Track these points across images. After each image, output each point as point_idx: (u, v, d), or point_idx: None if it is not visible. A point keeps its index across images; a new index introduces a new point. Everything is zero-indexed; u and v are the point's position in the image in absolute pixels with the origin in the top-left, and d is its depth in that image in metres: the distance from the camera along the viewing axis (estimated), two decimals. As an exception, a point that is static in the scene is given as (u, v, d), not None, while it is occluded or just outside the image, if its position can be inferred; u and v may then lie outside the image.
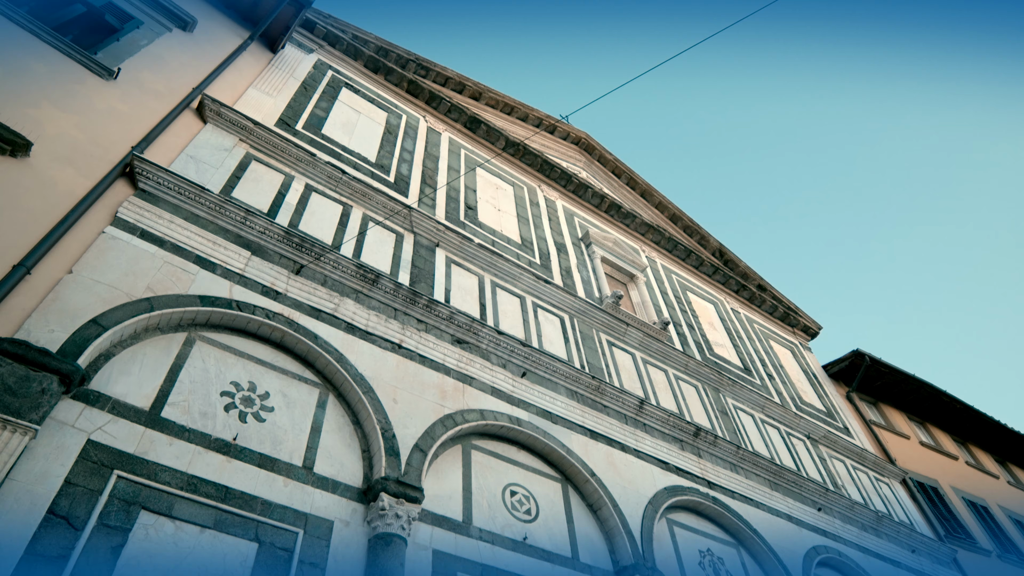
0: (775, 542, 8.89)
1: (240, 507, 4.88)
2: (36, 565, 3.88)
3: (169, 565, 4.36)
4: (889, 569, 10.67)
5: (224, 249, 6.50)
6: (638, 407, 8.94)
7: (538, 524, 6.63)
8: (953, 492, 15.55)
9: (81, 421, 4.63)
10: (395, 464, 5.79)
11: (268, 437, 5.50)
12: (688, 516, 8.45)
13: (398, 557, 5.16)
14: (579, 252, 12.35)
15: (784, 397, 13.33)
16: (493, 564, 5.88)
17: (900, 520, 12.16)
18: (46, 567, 3.90)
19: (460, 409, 6.89)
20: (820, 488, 10.68)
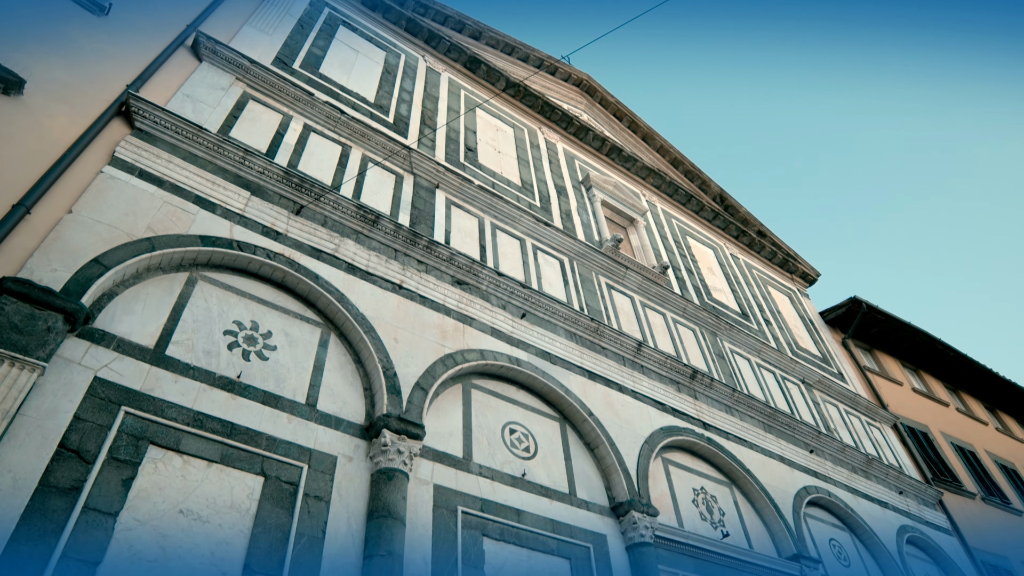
0: (767, 482, 9.12)
1: (245, 442, 4.99)
2: (51, 496, 3.98)
3: (178, 497, 4.48)
4: (876, 509, 10.98)
5: (223, 189, 6.46)
6: (636, 349, 9.05)
7: (536, 461, 6.80)
8: (942, 437, 15.87)
9: (87, 359, 4.69)
10: (396, 402, 5.90)
11: (271, 375, 5.58)
12: (683, 456, 8.66)
13: (400, 491, 5.30)
14: (579, 195, 12.29)
15: (780, 342, 13.47)
16: (492, 499, 6.05)
17: (889, 463, 12.45)
18: (61, 498, 4.01)
19: (460, 349, 6.97)
20: (813, 431, 10.90)
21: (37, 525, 3.84)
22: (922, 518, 12.00)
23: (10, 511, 3.81)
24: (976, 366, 18.44)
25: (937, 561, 11.58)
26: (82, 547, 3.94)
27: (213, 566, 4.36)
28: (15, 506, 3.85)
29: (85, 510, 4.07)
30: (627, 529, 6.75)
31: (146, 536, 4.21)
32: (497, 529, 5.86)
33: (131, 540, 4.14)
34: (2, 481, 3.88)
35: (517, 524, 6.03)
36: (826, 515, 10.14)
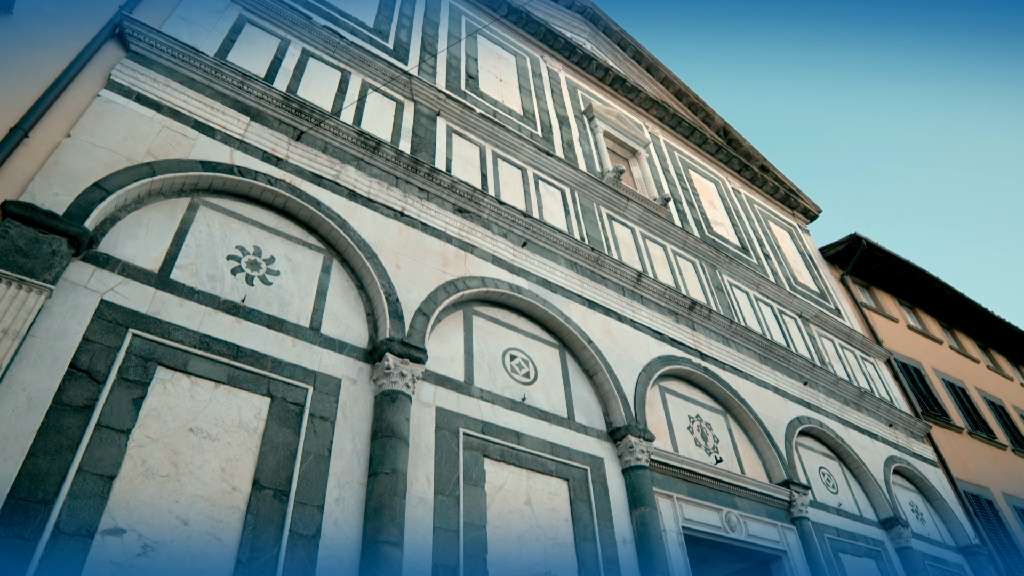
0: (761, 411, 9.34)
1: (251, 364, 5.09)
2: (64, 413, 4.09)
3: (188, 416, 4.60)
4: (866, 440, 11.27)
5: (222, 114, 6.39)
6: (636, 280, 9.12)
7: (536, 387, 6.95)
8: (934, 373, 16.13)
9: (93, 282, 4.74)
10: (399, 327, 5.99)
11: (275, 299, 5.64)
12: (680, 384, 8.84)
13: (403, 412, 5.44)
14: (581, 126, 12.14)
15: (779, 277, 13.54)
16: (493, 422, 6.21)
17: (881, 397, 12.71)
18: (74, 415, 4.12)
19: (462, 276, 7.03)
20: (807, 364, 11.08)
21: (53, 441, 3.96)
22: (910, 450, 12.32)
23: (27, 427, 3.93)
24: (971, 305, 18.59)
25: (922, 491, 11.97)
26: (97, 462, 4.06)
27: (224, 481, 4.51)
28: (31, 422, 3.96)
29: (98, 427, 4.19)
30: (624, 453, 6.96)
31: (158, 453, 4.34)
32: (498, 450, 6.04)
33: (144, 456, 4.27)
34: (17, 399, 3.98)
35: (517, 446, 6.21)
36: (817, 444, 10.43)
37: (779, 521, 8.29)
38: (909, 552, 9.95)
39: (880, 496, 10.37)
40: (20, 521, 3.64)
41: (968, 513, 12.53)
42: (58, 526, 3.75)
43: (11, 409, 3.94)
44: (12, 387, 4.02)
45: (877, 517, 10.25)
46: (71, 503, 3.85)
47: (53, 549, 3.68)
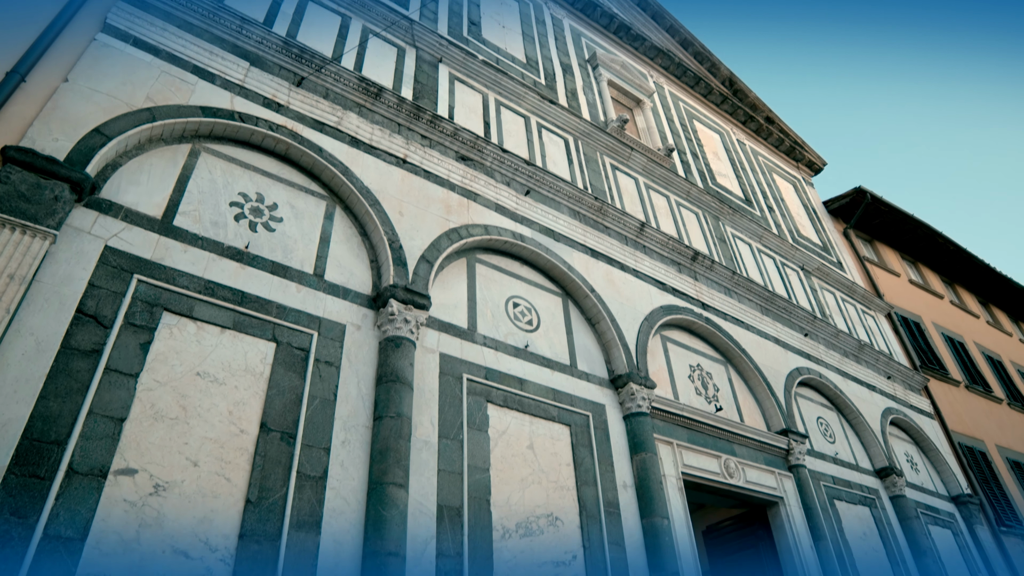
0: (761, 361, 9.42)
1: (256, 310, 5.12)
2: (73, 357, 4.14)
3: (195, 360, 4.65)
4: (864, 392, 11.39)
5: (222, 59, 6.29)
6: (639, 229, 9.10)
7: (539, 334, 7.01)
8: (934, 328, 16.21)
9: (96, 228, 4.74)
10: (403, 273, 6.00)
11: (279, 246, 5.64)
12: (681, 334, 8.90)
13: (408, 358, 5.49)
14: (585, 74, 11.95)
15: (782, 229, 13.50)
16: (496, 368, 6.28)
17: (880, 349, 12.79)
18: (83, 359, 4.17)
19: (465, 224, 7.02)
20: (808, 315, 11.13)
21: (63, 384, 4.02)
22: (907, 402, 12.47)
23: (37, 371, 3.98)
24: (974, 260, 18.57)
25: (917, 442, 12.15)
26: (107, 404, 4.12)
27: (232, 424, 4.58)
28: (41, 366, 4.01)
29: (107, 371, 4.23)
30: (625, 400, 7.05)
31: (167, 396, 4.40)
32: (501, 396, 6.13)
33: (153, 399, 4.33)
34: (26, 343, 4.03)
35: (520, 392, 6.30)
36: (816, 395, 10.55)
37: (777, 468, 8.44)
38: (903, 500, 10.17)
39: (876, 446, 10.53)
40: (35, 461, 3.72)
41: (962, 464, 12.75)
42: (72, 466, 3.83)
43: (21, 353, 3.99)
44: (21, 331, 4.05)
45: (872, 466, 10.43)
46: (83, 444, 3.92)
47: (68, 488, 3.77)
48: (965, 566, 10.73)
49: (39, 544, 3.57)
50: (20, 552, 3.48)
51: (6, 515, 3.53)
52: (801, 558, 7.82)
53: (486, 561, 5.15)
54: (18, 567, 3.46)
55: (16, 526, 3.54)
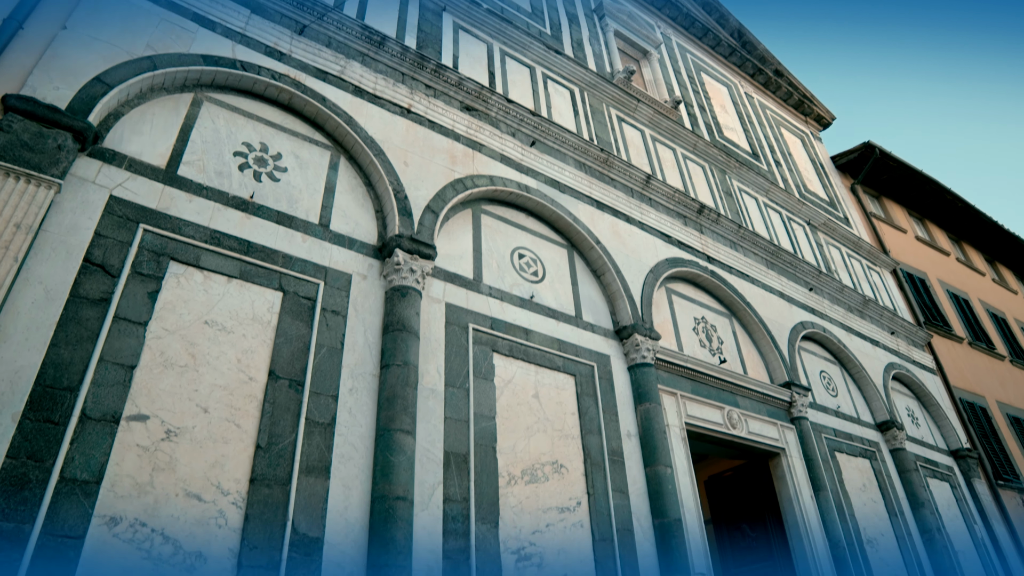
0: (766, 315, 9.44)
1: (262, 259, 5.13)
2: (82, 306, 4.17)
3: (203, 309, 4.68)
4: (867, 347, 11.44)
5: (221, 6, 6.19)
6: (644, 182, 9.04)
7: (544, 285, 7.02)
8: (939, 285, 16.18)
9: (101, 178, 4.72)
10: (408, 223, 5.99)
11: (284, 196, 5.63)
12: (686, 287, 8.90)
13: (414, 307, 5.52)
14: (591, 24, 11.72)
15: (789, 183, 13.39)
16: (502, 318, 6.31)
17: (884, 305, 12.80)
18: (92, 308, 4.20)
19: (470, 174, 6.98)
20: (814, 270, 11.11)
21: (73, 332, 4.05)
22: (910, 357, 12.53)
23: (47, 319, 4.02)
24: (981, 217, 18.45)
25: (919, 396, 12.24)
26: (118, 352, 4.17)
27: (240, 372, 4.63)
28: (51, 314, 4.04)
29: (116, 319, 4.27)
30: (630, 351, 7.10)
31: (175, 344, 4.44)
32: (506, 345, 6.17)
33: (162, 347, 4.37)
34: (35, 292, 4.06)
35: (525, 342, 6.34)
36: (819, 349, 10.60)
37: (779, 420, 8.53)
38: (902, 453, 10.29)
39: (878, 400, 10.62)
40: (48, 407, 3.78)
41: (962, 419, 12.86)
42: (84, 412, 3.89)
43: (31, 301, 4.02)
44: (30, 280, 4.07)
45: (874, 420, 10.54)
46: (95, 391, 3.98)
47: (82, 433, 3.83)
48: (961, 518, 10.92)
49: (56, 487, 3.64)
50: (38, 495, 3.57)
51: (23, 459, 3.60)
52: (802, 507, 7.96)
53: (492, 506, 5.26)
54: (37, 509, 3.54)
55: (33, 469, 3.61)
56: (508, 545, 5.20)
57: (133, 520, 3.81)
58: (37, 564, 3.44)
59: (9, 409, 3.68)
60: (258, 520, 4.20)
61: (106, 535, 3.69)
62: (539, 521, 5.49)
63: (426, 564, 4.70)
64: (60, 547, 3.54)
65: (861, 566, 8.22)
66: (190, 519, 3.99)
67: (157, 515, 3.89)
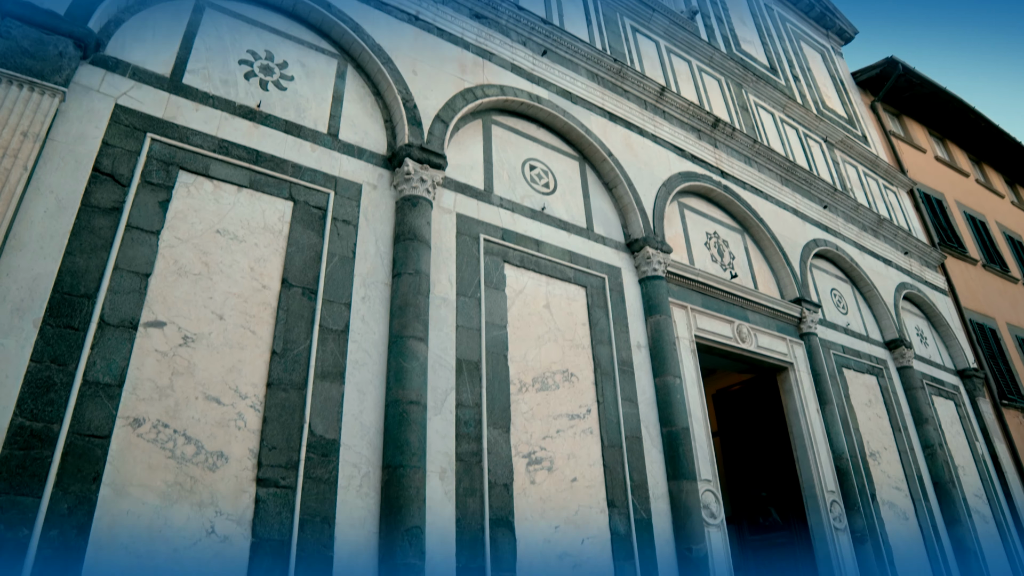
0: (778, 231, 9.37)
1: (272, 169, 5.10)
2: (94, 215, 4.20)
3: (214, 219, 4.69)
4: (880, 266, 11.38)
5: (216, -98, 5.90)
6: (658, 94, 8.81)
7: (555, 197, 6.96)
8: (956, 206, 15.94)
9: (105, 86, 4.66)
10: (418, 133, 5.90)
11: (291, 105, 5.54)
12: (699, 201, 8.80)
13: (424, 217, 5.50)
14: (605, -71, 11.18)
15: (807, 99, 13.03)
16: (513, 229, 6.29)
17: (899, 225, 12.66)
18: (104, 217, 4.22)
19: (480, 84, 6.82)
20: (829, 188, 10.94)
21: (87, 241, 4.09)
22: (922, 278, 12.47)
23: (61, 227, 4.04)
24: (1004, 137, 17.98)
25: (929, 317, 12.25)
26: (131, 261, 4.21)
27: (254, 280, 4.67)
28: (64, 223, 4.07)
29: (128, 228, 4.29)
30: (641, 263, 7.09)
31: (188, 253, 4.47)
32: (517, 256, 6.17)
33: (175, 256, 4.41)
34: (47, 201, 4.07)
35: (536, 253, 6.33)
36: (831, 267, 10.56)
37: (788, 336, 8.59)
38: (909, 371, 10.38)
39: (888, 319, 10.63)
40: (67, 313, 3.84)
41: (971, 340, 12.91)
42: (103, 318, 3.96)
43: (43, 210, 4.03)
44: (40, 190, 4.08)
45: (883, 338, 10.58)
46: (112, 298, 4.04)
47: (101, 339, 3.91)
48: (963, 435, 11.10)
49: (80, 390, 3.75)
50: (64, 397, 3.67)
51: (47, 362, 3.69)
52: (807, 420, 8.10)
53: (504, 412, 5.38)
54: (63, 410, 3.66)
55: (57, 372, 3.71)
56: (519, 449, 5.35)
57: (156, 421, 3.93)
58: (68, 461, 3.58)
59: (30, 315, 3.75)
60: (276, 422, 4.32)
61: (130, 435, 3.82)
62: (549, 427, 5.62)
63: (439, 466, 4.85)
64: (88, 446, 3.66)
65: (863, 477, 8.42)
66: (210, 421, 4.11)
67: (178, 417, 4.01)
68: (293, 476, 4.25)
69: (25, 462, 3.46)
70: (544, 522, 5.23)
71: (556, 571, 5.11)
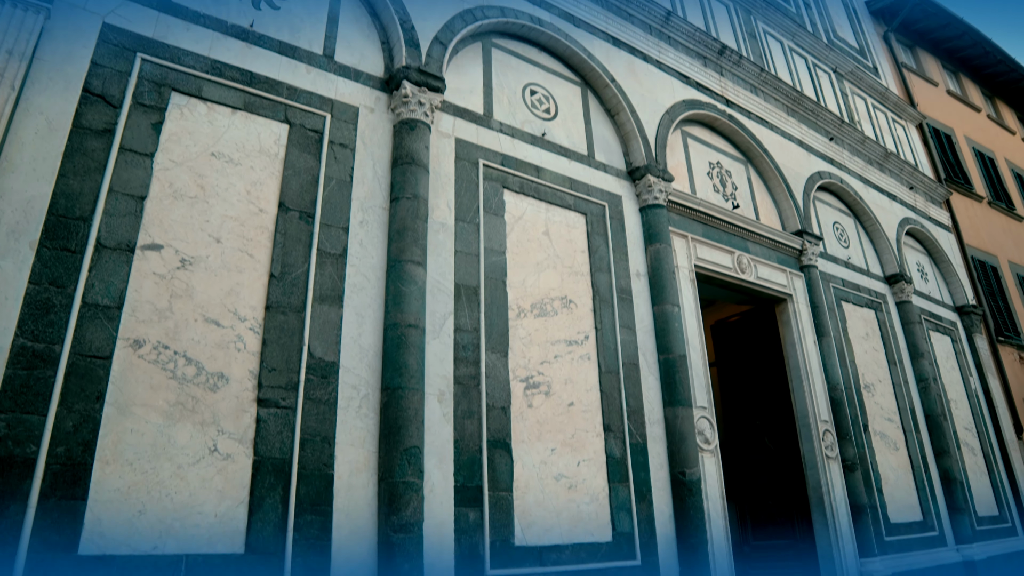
0: (782, 162, 9.23)
1: (266, 91, 4.99)
2: (86, 137, 4.12)
3: (208, 141, 4.61)
4: (884, 200, 11.28)
5: None
6: (664, 19, 8.53)
7: (556, 123, 6.82)
8: (965, 141, 15.69)
9: (92, 4, 4.51)
10: (415, 55, 5.75)
11: (285, 25, 5.38)
12: (702, 130, 8.64)
13: (423, 141, 5.41)
14: None
15: (818, 28, 12.65)
16: (513, 155, 6.19)
17: (906, 160, 12.49)
18: (96, 139, 4.13)
19: (479, 5, 6.58)
20: (836, 120, 10.74)
21: (80, 163, 4.02)
22: (926, 213, 12.38)
23: (53, 149, 3.97)
24: (1020, 71, 17.56)
25: (930, 253, 12.23)
26: (126, 183, 4.16)
27: (250, 203, 4.64)
28: (56, 145, 3.99)
29: (122, 150, 4.22)
30: (642, 192, 7.01)
31: (184, 175, 4.42)
32: (517, 182, 6.10)
33: (170, 179, 4.35)
34: (37, 122, 3.99)
35: (536, 179, 6.25)
36: (834, 200, 10.46)
37: (788, 268, 8.57)
38: (908, 306, 10.42)
39: (889, 253, 10.61)
40: (64, 235, 3.82)
41: (971, 277, 12.92)
42: (99, 241, 3.94)
43: (33, 132, 3.96)
44: (30, 111, 4.00)
45: (883, 273, 10.58)
46: (107, 220, 4.01)
47: (99, 261, 3.90)
48: (958, 370, 11.24)
49: (80, 311, 3.76)
50: (64, 318, 3.69)
51: (45, 284, 3.70)
52: (804, 352, 8.17)
53: (502, 336, 5.41)
54: (64, 331, 3.68)
55: (56, 294, 3.71)
56: (517, 374, 5.41)
57: (156, 343, 3.96)
58: (71, 381, 3.62)
59: (26, 237, 3.73)
60: (275, 344, 4.36)
61: (131, 356, 3.85)
62: (547, 353, 5.67)
63: (438, 389, 4.91)
64: (90, 367, 3.70)
65: (857, 408, 8.56)
66: (210, 343, 4.14)
67: (179, 338, 4.04)
68: (293, 397, 4.31)
69: (29, 381, 3.50)
70: (541, 444, 5.34)
71: (552, 491, 5.25)
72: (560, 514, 5.23)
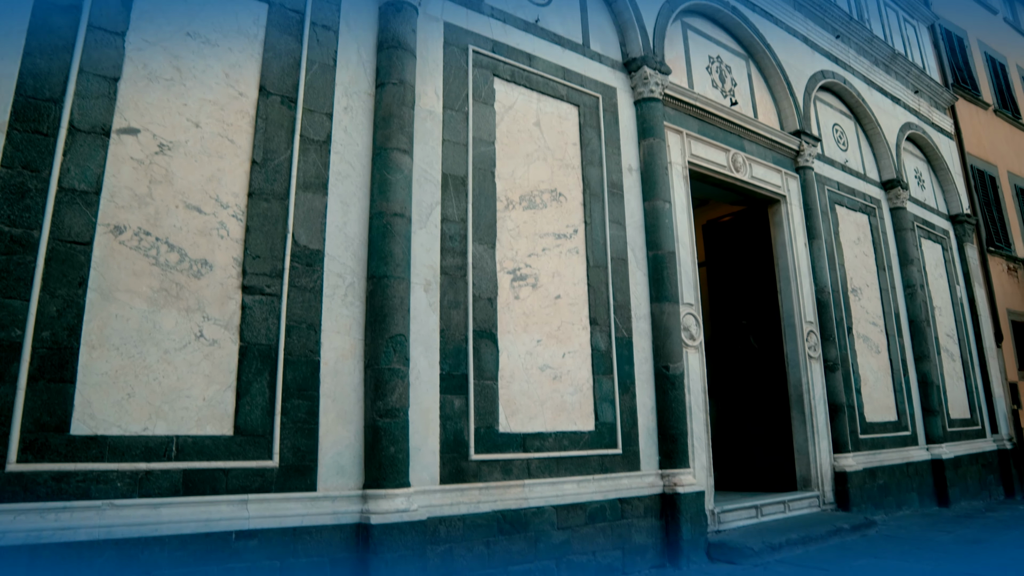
0: (785, 59, 8.91)
1: (244, -34, 4.70)
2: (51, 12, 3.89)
3: (183, 20, 4.46)
4: (887, 103, 11.01)
5: None
6: (667, -99, 8.01)
7: (551, 9, 6.47)
8: (977, 46, 15.16)
9: None
10: (401, -73, 5.40)
11: None
12: (704, 23, 8.26)
13: (409, 24, 5.16)
14: None
15: (831, -86, 11.93)
16: (504, 41, 5.92)
17: (913, 62, 12.08)
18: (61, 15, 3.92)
19: None
20: (844, 16, 10.29)
21: (46, 40, 3.82)
22: (929, 119, 12.11)
23: (15, 25, 3.76)
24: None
25: (930, 159, 12.07)
26: (97, 63, 3.98)
27: (229, 87, 4.47)
28: (18, 21, 3.78)
29: (90, 28, 4.02)
30: (638, 84, 6.77)
31: (159, 56, 4.23)
32: (508, 70, 5.87)
33: (144, 60, 4.17)
34: (-2, -2, 3.77)
35: (528, 68, 6.02)
36: (836, 101, 10.18)
37: (784, 168, 8.44)
38: (902, 212, 10.37)
39: (888, 158, 10.45)
40: (34, 118, 3.69)
41: (969, 186, 12.79)
42: (72, 123, 3.81)
43: (-6, 6, 3.75)
44: (-10, -16, 3.77)
45: (880, 177, 10.46)
46: (80, 102, 3.86)
47: (73, 145, 3.79)
48: (946, 278, 11.33)
49: (56, 196, 3.69)
50: (40, 203, 3.63)
51: (19, 168, 3.61)
52: (794, 254, 8.17)
53: (490, 228, 5.36)
54: (41, 216, 3.61)
55: (31, 179, 3.63)
56: (504, 265, 5.39)
57: (137, 229, 3.90)
58: (52, 266, 3.59)
59: (-6, 118, 3.61)
60: (259, 232, 4.31)
61: (112, 242, 3.81)
62: (535, 245, 5.64)
63: (424, 278, 4.91)
64: (70, 252, 3.66)
65: (843, 311, 8.65)
66: (192, 229, 4.09)
67: (160, 225, 3.98)
68: (278, 284, 4.30)
69: (8, 267, 3.47)
70: (527, 335, 5.39)
71: (537, 381, 5.35)
72: (544, 403, 5.35)
